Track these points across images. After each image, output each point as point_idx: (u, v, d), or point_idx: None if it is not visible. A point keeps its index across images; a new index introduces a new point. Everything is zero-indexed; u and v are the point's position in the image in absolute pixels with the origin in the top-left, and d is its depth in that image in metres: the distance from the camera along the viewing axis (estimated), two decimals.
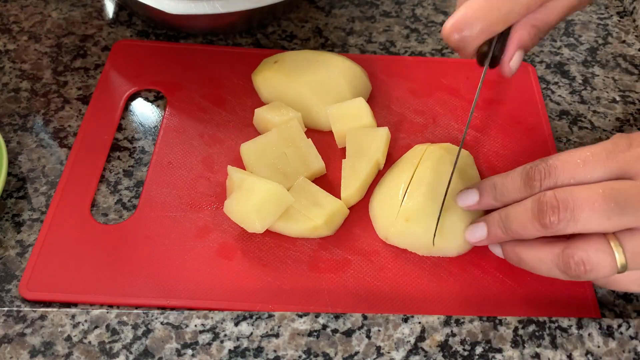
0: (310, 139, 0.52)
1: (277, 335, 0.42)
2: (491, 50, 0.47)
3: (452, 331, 0.43)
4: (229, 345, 0.42)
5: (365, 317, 0.43)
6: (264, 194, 0.46)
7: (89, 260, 0.47)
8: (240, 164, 0.52)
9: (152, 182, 0.51)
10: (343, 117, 0.53)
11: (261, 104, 0.57)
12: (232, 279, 0.46)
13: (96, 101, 0.57)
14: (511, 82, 0.59)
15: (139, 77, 0.59)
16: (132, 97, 0.58)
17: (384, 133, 0.52)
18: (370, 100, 0.58)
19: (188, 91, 0.58)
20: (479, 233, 0.44)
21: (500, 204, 0.44)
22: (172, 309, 0.45)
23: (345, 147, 0.52)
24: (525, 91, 0.59)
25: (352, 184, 0.50)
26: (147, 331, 0.42)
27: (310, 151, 0.51)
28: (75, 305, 0.45)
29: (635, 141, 0.39)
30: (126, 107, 0.57)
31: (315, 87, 0.55)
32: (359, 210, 0.50)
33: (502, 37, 0.47)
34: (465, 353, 0.42)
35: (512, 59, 0.48)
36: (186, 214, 0.49)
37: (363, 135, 0.52)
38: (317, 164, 0.51)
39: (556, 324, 0.43)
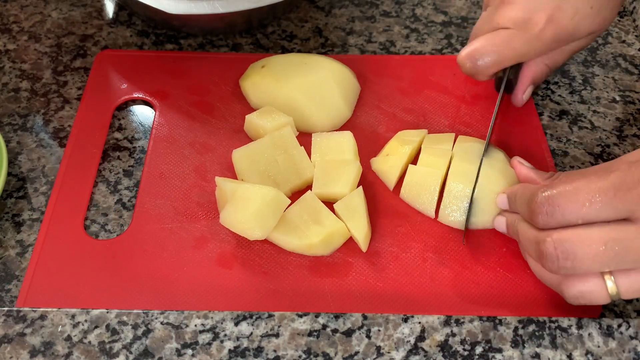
0: (303, 146, 0.52)
1: (277, 335, 0.42)
2: (505, 77, 0.53)
3: (452, 331, 0.43)
4: (229, 345, 0.42)
5: (365, 317, 0.43)
6: (261, 200, 0.45)
7: (86, 277, 0.46)
8: (233, 171, 0.52)
9: (145, 194, 0.51)
10: (325, 148, 0.52)
11: (250, 109, 0.56)
12: (233, 288, 0.46)
13: (82, 114, 0.56)
14: None
15: (126, 88, 0.58)
16: (121, 107, 0.58)
17: (354, 166, 0.50)
18: (360, 100, 0.58)
19: (175, 99, 0.57)
20: (500, 227, 0.47)
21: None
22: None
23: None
24: None
25: (361, 224, 0.48)
26: (147, 331, 0.42)
27: (302, 159, 0.51)
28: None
29: None
30: (123, 111, 0.57)
31: (305, 89, 0.54)
32: None
33: (516, 66, 0.53)
34: (465, 353, 0.42)
35: (524, 92, 0.54)
36: (182, 224, 0.49)
37: (333, 167, 0.51)
38: (309, 172, 0.51)
39: (556, 324, 0.43)
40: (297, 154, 0.51)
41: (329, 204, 0.49)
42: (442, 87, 0.59)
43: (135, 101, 0.58)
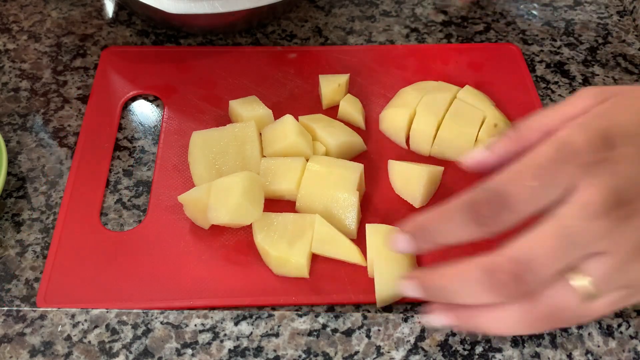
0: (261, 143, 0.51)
1: (277, 335, 0.42)
2: None
3: (452, 331, 0.43)
4: (229, 344, 0.42)
5: (365, 317, 0.43)
6: (241, 183, 0.45)
7: (104, 269, 0.46)
8: None
9: (160, 186, 0.51)
10: (272, 139, 0.51)
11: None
12: (251, 277, 0.46)
13: (92, 110, 0.56)
14: (498, 63, 0.60)
15: (133, 83, 0.58)
16: (128, 103, 0.58)
17: (300, 163, 0.49)
18: (366, 90, 0.58)
19: (184, 93, 0.58)
20: (409, 291, 0.39)
21: (438, 247, 0.37)
22: (191, 309, 0.44)
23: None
24: (513, 70, 0.60)
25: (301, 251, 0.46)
26: (147, 331, 0.42)
27: (252, 155, 0.50)
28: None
29: (585, 148, 0.34)
30: (124, 111, 0.57)
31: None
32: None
33: None
34: (465, 353, 0.42)
35: None
36: (187, 223, 0.49)
37: (279, 165, 0.49)
38: (255, 169, 0.50)
39: None
40: (249, 150, 0.51)
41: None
42: (444, 74, 0.60)
43: (143, 96, 0.58)
